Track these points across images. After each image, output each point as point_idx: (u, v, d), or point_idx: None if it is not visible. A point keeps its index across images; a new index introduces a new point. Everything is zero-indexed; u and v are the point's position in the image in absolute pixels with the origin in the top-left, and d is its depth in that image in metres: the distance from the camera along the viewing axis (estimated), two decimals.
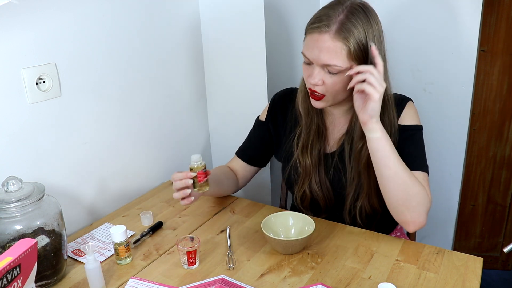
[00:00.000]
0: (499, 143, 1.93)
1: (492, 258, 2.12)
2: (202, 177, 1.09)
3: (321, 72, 1.06)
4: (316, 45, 1.04)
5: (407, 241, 1.12)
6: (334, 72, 1.04)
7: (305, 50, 1.07)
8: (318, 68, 1.05)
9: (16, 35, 1.05)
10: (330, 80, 1.05)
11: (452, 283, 0.96)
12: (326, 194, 1.22)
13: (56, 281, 1.01)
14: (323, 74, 1.06)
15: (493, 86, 1.85)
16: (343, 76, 1.04)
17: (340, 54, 1.02)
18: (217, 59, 1.64)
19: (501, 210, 2.03)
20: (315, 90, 1.08)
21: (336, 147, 1.21)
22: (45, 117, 1.15)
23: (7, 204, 0.92)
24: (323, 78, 1.06)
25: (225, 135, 1.73)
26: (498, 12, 1.73)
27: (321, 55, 1.03)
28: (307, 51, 1.06)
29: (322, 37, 1.02)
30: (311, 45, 1.05)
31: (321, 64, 1.04)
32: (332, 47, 1.02)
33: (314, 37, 1.04)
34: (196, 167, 1.09)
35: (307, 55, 1.06)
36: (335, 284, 0.97)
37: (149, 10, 1.40)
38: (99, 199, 1.34)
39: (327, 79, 1.06)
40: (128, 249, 1.07)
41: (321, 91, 1.08)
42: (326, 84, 1.06)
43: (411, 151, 1.14)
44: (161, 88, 1.50)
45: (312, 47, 1.05)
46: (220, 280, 0.98)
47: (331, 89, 1.07)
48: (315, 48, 1.04)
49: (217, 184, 1.25)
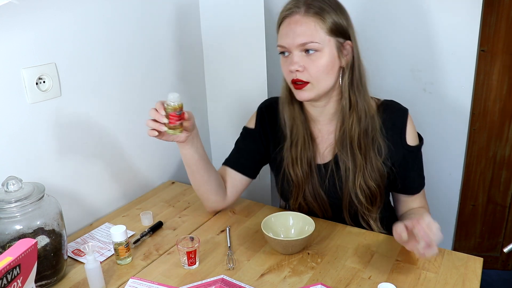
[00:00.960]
0: (499, 143, 1.93)
1: (492, 258, 2.12)
2: (173, 119, 0.99)
3: (300, 56, 1.03)
4: (289, 28, 1.03)
5: None
6: (313, 49, 1.02)
7: (280, 39, 1.06)
8: (296, 52, 1.03)
9: (16, 35, 1.05)
10: (311, 63, 1.03)
11: (452, 283, 0.96)
12: (322, 205, 1.20)
13: (56, 281, 1.01)
14: (303, 58, 1.03)
15: (493, 86, 1.85)
16: (324, 56, 1.03)
17: (315, 30, 1.01)
18: (217, 59, 1.64)
19: (501, 210, 2.03)
20: (298, 79, 1.04)
21: (330, 157, 1.17)
22: (45, 117, 1.14)
23: (7, 204, 0.92)
24: (303, 63, 1.03)
25: (225, 135, 1.73)
26: (498, 12, 1.73)
27: (296, 35, 1.01)
28: (282, 39, 1.05)
29: (293, 18, 1.02)
30: (284, 31, 1.04)
31: (298, 44, 1.02)
32: (305, 24, 1.01)
33: (286, 23, 1.04)
34: (168, 107, 0.99)
35: (283, 42, 1.04)
36: (335, 284, 0.97)
37: (149, 10, 1.40)
38: (99, 199, 1.34)
39: (308, 63, 1.03)
40: (128, 249, 1.07)
41: (305, 78, 1.04)
42: (308, 69, 1.03)
43: (420, 173, 1.20)
44: (161, 88, 1.50)
45: (286, 32, 1.04)
46: (220, 280, 0.98)
47: (314, 73, 1.03)
48: (289, 31, 1.03)
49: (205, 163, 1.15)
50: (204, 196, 1.23)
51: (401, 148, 1.13)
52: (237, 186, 1.26)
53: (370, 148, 1.11)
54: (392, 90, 1.78)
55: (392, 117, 1.13)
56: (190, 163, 1.15)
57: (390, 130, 1.12)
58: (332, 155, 1.17)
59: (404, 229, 0.93)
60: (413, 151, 1.15)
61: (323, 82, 1.05)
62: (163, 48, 1.48)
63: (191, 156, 1.13)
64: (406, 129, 1.13)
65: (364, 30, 1.77)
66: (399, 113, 1.14)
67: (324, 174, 1.17)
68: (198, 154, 1.13)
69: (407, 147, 1.13)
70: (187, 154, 1.13)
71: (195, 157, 1.13)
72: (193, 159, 1.14)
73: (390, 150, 1.12)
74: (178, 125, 1.01)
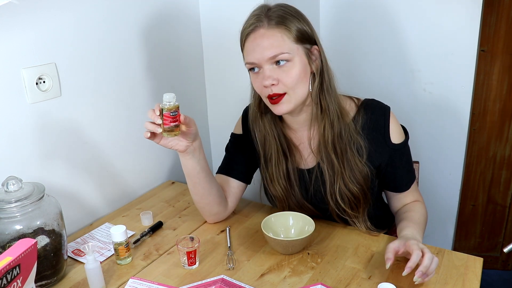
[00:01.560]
0: (499, 143, 1.93)
1: (492, 258, 2.12)
2: (167, 121, 0.95)
3: (272, 70, 1.01)
4: (255, 43, 1.01)
5: None
6: (284, 60, 1.00)
7: (247, 56, 1.03)
8: (267, 66, 1.01)
9: (16, 35, 1.05)
10: (284, 74, 1.01)
11: (452, 283, 0.96)
12: (309, 211, 1.18)
13: (56, 281, 1.01)
14: (275, 71, 1.01)
15: (493, 86, 1.85)
16: (296, 65, 1.01)
17: (282, 40, 1.00)
18: (217, 59, 1.64)
19: (501, 210, 2.03)
20: (274, 93, 1.02)
21: (314, 162, 1.15)
22: (45, 117, 1.14)
23: (7, 204, 0.92)
24: (276, 75, 1.01)
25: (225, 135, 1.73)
26: (498, 12, 1.73)
27: (264, 49, 0.99)
28: (250, 56, 1.02)
29: (258, 32, 1.01)
30: (251, 47, 1.02)
31: (268, 58, 1.00)
32: (271, 36, 1.00)
33: (251, 39, 1.02)
34: (163, 107, 0.96)
35: (251, 59, 1.02)
36: (335, 284, 0.97)
37: (149, 10, 1.40)
38: (99, 199, 1.34)
39: (281, 75, 1.01)
40: (128, 249, 1.07)
41: (281, 90, 1.02)
42: (282, 80, 1.01)
43: (408, 169, 1.18)
44: (161, 88, 1.50)
45: (253, 48, 1.01)
46: (220, 280, 0.98)
47: (289, 83, 1.01)
48: (256, 47, 1.01)
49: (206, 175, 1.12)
50: (206, 209, 1.20)
51: (386, 147, 1.11)
52: (236, 193, 1.24)
53: (348, 151, 1.09)
54: (392, 90, 1.79)
55: (373, 117, 1.11)
56: (191, 175, 1.12)
57: (372, 131, 1.11)
58: (315, 160, 1.15)
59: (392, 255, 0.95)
60: (399, 149, 1.13)
61: (299, 91, 1.03)
62: (163, 48, 1.48)
63: (192, 167, 1.10)
64: (390, 128, 1.11)
65: (364, 30, 1.78)
66: (380, 112, 1.12)
67: (309, 180, 1.16)
68: (200, 166, 1.10)
69: (392, 146, 1.12)
70: (187, 165, 1.10)
71: (196, 169, 1.10)
72: (194, 170, 1.10)
73: (375, 150, 1.11)
74: (173, 127, 0.96)
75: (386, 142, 1.11)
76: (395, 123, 1.13)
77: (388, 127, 1.11)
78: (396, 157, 1.14)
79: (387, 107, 1.13)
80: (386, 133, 1.11)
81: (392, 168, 1.15)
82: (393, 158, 1.13)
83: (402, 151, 1.14)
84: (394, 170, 1.15)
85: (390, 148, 1.12)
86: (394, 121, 1.13)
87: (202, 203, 1.19)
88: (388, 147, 1.12)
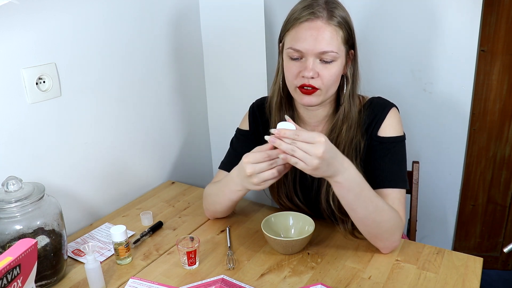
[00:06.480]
0: (499, 143, 1.93)
1: (492, 258, 2.12)
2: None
3: (315, 63, 1.00)
4: (310, 33, 0.98)
5: (407, 241, 1.12)
6: (329, 60, 0.99)
7: (296, 43, 1.00)
8: (312, 59, 0.99)
9: (16, 35, 1.05)
10: (326, 71, 1.00)
11: (452, 283, 0.96)
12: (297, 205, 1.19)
13: (56, 281, 1.01)
14: (317, 65, 1.00)
15: (493, 86, 1.85)
16: (338, 66, 1.01)
17: (336, 39, 0.99)
18: (217, 59, 1.64)
19: (501, 210, 2.03)
20: (310, 84, 1.01)
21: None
22: (45, 117, 1.14)
23: (7, 204, 0.92)
24: (318, 70, 1.00)
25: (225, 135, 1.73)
26: (498, 12, 1.73)
27: (318, 42, 0.98)
28: (299, 43, 0.99)
29: (315, 24, 0.98)
30: (303, 35, 0.99)
31: (317, 52, 0.98)
32: (328, 32, 0.98)
33: (305, 26, 0.99)
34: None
35: (299, 47, 0.99)
36: (335, 284, 0.97)
37: (149, 10, 1.40)
38: (99, 199, 1.34)
39: (322, 70, 1.00)
40: (128, 249, 1.07)
41: (317, 85, 1.01)
42: (322, 76, 1.00)
43: (389, 167, 1.07)
44: (161, 88, 1.50)
45: (305, 36, 0.99)
46: (220, 280, 0.98)
47: (327, 81, 1.01)
48: (309, 37, 0.98)
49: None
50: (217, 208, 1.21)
51: (369, 139, 1.09)
52: None
53: (353, 157, 1.08)
54: (392, 90, 1.78)
55: (371, 113, 1.10)
56: (234, 201, 1.13)
57: (368, 126, 1.09)
58: None
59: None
60: (384, 142, 1.08)
61: (331, 90, 1.04)
62: (163, 48, 1.48)
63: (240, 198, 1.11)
64: (383, 121, 1.08)
65: (364, 30, 1.78)
66: (380, 108, 1.10)
67: (309, 179, 1.15)
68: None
69: (377, 138, 1.08)
70: (239, 196, 1.10)
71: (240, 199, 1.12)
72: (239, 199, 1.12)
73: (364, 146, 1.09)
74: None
75: (372, 133, 1.08)
76: (392, 119, 1.09)
77: (381, 120, 1.09)
78: (378, 150, 1.09)
79: (390, 104, 1.11)
80: (377, 125, 1.09)
81: (371, 160, 1.09)
82: (375, 150, 1.09)
83: (387, 146, 1.08)
84: (374, 162, 1.08)
85: (374, 139, 1.09)
86: (393, 118, 1.09)
87: (216, 207, 1.20)
88: (372, 138, 1.09)
